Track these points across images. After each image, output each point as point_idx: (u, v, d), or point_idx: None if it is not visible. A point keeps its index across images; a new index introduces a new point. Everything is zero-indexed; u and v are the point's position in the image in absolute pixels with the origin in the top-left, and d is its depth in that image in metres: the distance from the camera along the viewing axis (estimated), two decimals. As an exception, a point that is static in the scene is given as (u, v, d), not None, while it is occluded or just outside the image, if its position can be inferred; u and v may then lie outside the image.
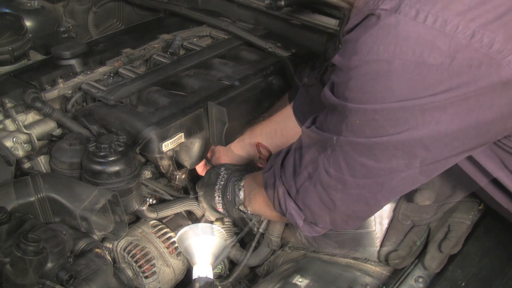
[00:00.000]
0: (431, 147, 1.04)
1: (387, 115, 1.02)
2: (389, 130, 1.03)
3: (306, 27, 2.20)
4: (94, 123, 1.74)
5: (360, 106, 1.04)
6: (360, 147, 1.10)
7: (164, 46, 2.16)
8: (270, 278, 1.50)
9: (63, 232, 1.36)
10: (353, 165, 1.13)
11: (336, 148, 1.15)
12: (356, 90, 1.04)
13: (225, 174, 1.66)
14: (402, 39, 0.96)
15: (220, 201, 1.64)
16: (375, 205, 1.23)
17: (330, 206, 1.22)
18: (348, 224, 1.27)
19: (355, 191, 1.18)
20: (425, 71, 0.96)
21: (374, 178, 1.13)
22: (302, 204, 1.28)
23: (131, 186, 1.57)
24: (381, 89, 1.00)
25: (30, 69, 1.93)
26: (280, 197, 1.32)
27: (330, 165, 1.17)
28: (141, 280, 1.64)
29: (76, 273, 1.28)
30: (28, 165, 1.68)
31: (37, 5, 2.36)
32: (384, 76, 0.99)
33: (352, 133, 1.09)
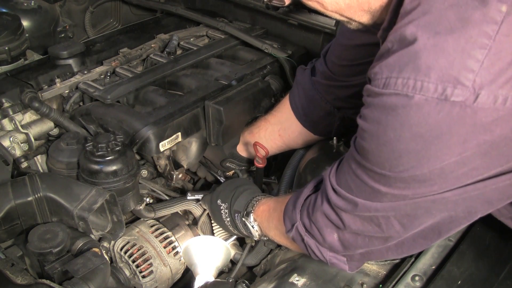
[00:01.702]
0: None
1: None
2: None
3: (303, 27, 2.21)
4: (91, 122, 1.74)
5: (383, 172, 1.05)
6: (404, 206, 1.09)
7: (161, 45, 2.16)
8: (267, 277, 1.50)
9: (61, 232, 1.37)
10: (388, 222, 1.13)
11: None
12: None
13: (225, 209, 1.62)
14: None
15: (237, 232, 1.65)
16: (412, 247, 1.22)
17: (366, 244, 1.22)
18: (388, 254, 1.27)
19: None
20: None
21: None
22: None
23: (128, 185, 1.57)
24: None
25: (27, 68, 1.93)
26: (315, 250, 1.30)
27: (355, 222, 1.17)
28: (139, 279, 1.64)
29: (73, 272, 1.28)
30: (26, 164, 1.68)
31: (34, 5, 2.36)
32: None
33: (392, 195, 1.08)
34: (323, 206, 1.23)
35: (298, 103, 1.82)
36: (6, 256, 1.39)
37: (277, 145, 1.90)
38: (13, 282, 1.27)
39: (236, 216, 1.58)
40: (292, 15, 2.21)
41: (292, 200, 1.37)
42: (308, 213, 1.28)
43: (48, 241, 1.34)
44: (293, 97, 1.84)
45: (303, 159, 1.76)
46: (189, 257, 1.61)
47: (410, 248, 1.20)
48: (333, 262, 1.29)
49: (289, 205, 1.37)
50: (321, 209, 1.23)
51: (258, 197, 1.57)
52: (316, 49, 2.21)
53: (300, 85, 1.82)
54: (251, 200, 1.56)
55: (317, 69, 1.79)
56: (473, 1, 0.90)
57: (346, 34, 1.64)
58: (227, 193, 1.64)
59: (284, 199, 1.43)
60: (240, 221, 1.56)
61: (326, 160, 1.64)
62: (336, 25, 2.04)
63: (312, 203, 1.28)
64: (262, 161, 1.74)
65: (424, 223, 1.11)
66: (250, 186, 1.67)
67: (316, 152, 1.72)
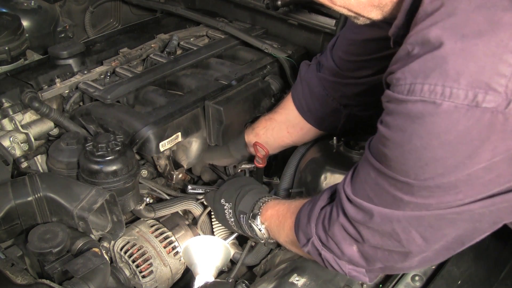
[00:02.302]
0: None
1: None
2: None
3: (303, 27, 2.21)
4: (91, 122, 1.74)
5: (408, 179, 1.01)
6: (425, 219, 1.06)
7: (161, 45, 2.16)
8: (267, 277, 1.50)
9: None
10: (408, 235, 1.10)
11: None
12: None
13: (229, 209, 1.59)
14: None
15: (241, 232, 1.63)
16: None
17: (386, 259, 1.18)
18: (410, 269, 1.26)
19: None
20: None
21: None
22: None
23: (128, 185, 1.57)
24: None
25: (27, 68, 1.93)
26: (333, 264, 1.26)
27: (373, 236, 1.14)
28: (138, 280, 1.64)
29: (73, 272, 1.28)
30: (25, 164, 1.68)
31: (34, 5, 2.36)
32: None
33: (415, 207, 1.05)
34: (339, 219, 1.18)
35: (303, 99, 1.79)
36: (6, 256, 1.39)
37: (285, 143, 1.88)
38: (13, 282, 1.27)
39: (241, 217, 1.55)
40: (292, 15, 2.22)
41: (305, 212, 1.32)
42: (324, 227, 1.24)
43: (48, 241, 1.34)
44: (296, 94, 1.81)
45: (303, 158, 1.76)
46: (189, 257, 1.61)
47: (432, 260, 1.18)
48: (353, 275, 1.25)
49: (302, 218, 1.32)
50: (338, 222, 1.19)
51: (265, 198, 1.53)
52: (316, 49, 2.21)
53: (304, 81, 1.79)
54: (257, 202, 1.52)
55: (322, 64, 1.76)
56: (502, 2, 0.87)
57: (353, 29, 1.60)
58: (232, 192, 1.61)
59: (294, 205, 1.40)
60: (246, 223, 1.53)
61: (326, 160, 1.64)
62: (336, 25, 2.05)
63: (327, 216, 1.23)
64: (262, 161, 1.74)
65: (448, 235, 1.08)
66: (256, 186, 1.64)
67: (316, 152, 1.72)
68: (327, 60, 1.72)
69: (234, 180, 1.70)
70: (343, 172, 1.57)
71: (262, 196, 1.55)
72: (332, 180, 1.58)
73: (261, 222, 1.49)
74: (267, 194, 1.57)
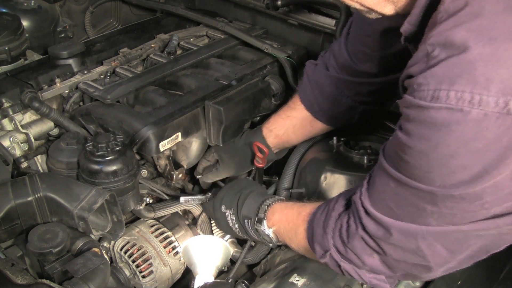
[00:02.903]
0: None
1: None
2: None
3: (303, 27, 2.21)
4: (91, 122, 1.74)
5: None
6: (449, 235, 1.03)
7: (161, 45, 2.16)
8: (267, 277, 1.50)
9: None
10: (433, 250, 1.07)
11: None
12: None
13: (232, 215, 1.54)
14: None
15: (247, 237, 1.58)
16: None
17: (410, 269, 1.16)
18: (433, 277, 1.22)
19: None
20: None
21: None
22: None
23: (128, 185, 1.57)
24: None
25: (27, 68, 1.93)
26: (352, 273, 1.23)
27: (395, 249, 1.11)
28: (138, 279, 1.64)
29: (73, 272, 1.28)
30: (25, 164, 1.68)
31: (34, 5, 2.36)
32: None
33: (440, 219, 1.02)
34: (358, 232, 1.14)
35: (313, 100, 1.73)
36: (6, 256, 1.39)
37: (307, 137, 1.82)
38: (13, 282, 1.27)
39: (246, 222, 1.50)
40: (292, 15, 2.22)
41: (319, 222, 1.27)
42: (342, 239, 1.19)
43: (48, 241, 1.34)
44: (305, 95, 1.75)
45: (303, 158, 1.76)
46: (189, 257, 1.61)
47: (455, 268, 1.14)
48: (374, 283, 1.22)
49: (316, 228, 1.27)
50: (358, 235, 1.15)
51: (268, 200, 1.48)
52: (316, 49, 2.21)
53: (313, 81, 1.73)
54: (261, 205, 1.47)
55: (332, 63, 1.69)
56: None
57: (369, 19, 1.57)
58: (231, 197, 1.57)
59: (305, 211, 1.35)
60: (252, 228, 1.48)
61: (326, 160, 1.64)
62: (336, 25, 2.05)
63: (345, 228, 1.19)
64: (262, 161, 1.74)
65: (473, 245, 1.05)
66: (255, 187, 1.60)
67: (316, 152, 1.72)
68: (340, 56, 1.65)
69: (231, 184, 1.65)
70: (343, 172, 1.57)
71: (264, 198, 1.50)
72: (332, 180, 1.58)
73: (268, 227, 1.44)
74: (269, 196, 1.53)
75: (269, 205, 1.47)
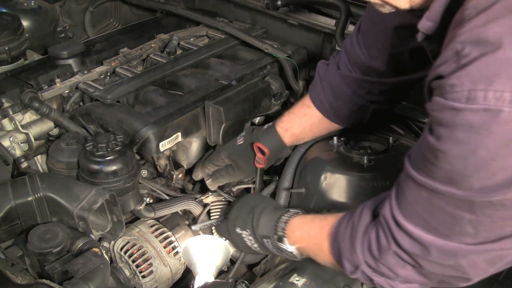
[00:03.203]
0: None
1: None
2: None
3: (303, 27, 2.21)
4: (91, 122, 1.74)
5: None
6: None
7: (161, 45, 2.16)
8: (267, 278, 1.50)
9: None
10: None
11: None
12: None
13: (249, 235, 1.49)
14: None
15: (270, 254, 1.55)
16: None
17: (448, 280, 1.12)
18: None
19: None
20: None
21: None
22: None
23: (128, 185, 1.57)
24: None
25: (27, 68, 1.93)
26: (385, 285, 1.18)
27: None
28: (138, 280, 1.64)
29: (73, 272, 1.28)
30: (25, 164, 1.68)
31: (34, 5, 2.36)
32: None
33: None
34: (391, 248, 1.10)
35: (324, 99, 1.70)
36: (6, 256, 1.39)
37: (322, 134, 1.79)
38: (13, 282, 1.27)
39: (265, 242, 1.45)
40: (292, 15, 2.22)
41: (345, 237, 1.22)
42: (373, 255, 1.15)
43: (48, 241, 1.34)
44: (316, 94, 1.72)
45: (303, 158, 1.76)
46: (189, 257, 1.61)
47: (491, 273, 1.09)
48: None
49: (343, 244, 1.22)
50: (391, 251, 1.10)
51: (284, 217, 1.42)
52: (316, 49, 2.21)
53: (325, 80, 1.70)
54: (278, 222, 1.42)
55: (344, 61, 1.66)
56: None
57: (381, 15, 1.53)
58: (244, 218, 1.51)
59: (327, 225, 1.30)
60: (273, 246, 1.43)
61: (326, 160, 1.64)
62: (336, 25, 2.05)
63: (374, 244, 1.14)
64: (262, 161, 1.74)
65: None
66: (266, 203, 1.54)
67: (316, 152, 1.72)
68: (352, 52, 1.62)
69: (240, 203, 1.59)
70: (343, 172, 1.57)
71: (279, 214, 1.44)
72: (332, 180, 1.57)
73: (290, 244, 1.39)
74: (283, 210, 1.46)
75: (286, 221, 1.41)
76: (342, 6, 1.99)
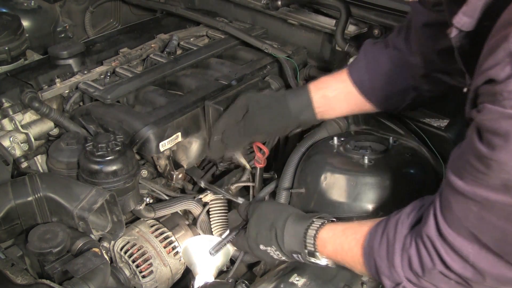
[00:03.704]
0: None
1: None
2: None
3: (303, 27, 2.21)
4: (91, 122, 1.74)
5: None
6: None
7: (161, 45, 2.16)
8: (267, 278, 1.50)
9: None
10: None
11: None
12: None
13: (275, 251, 1.38)
14: None
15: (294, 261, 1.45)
16: None
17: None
18: None
19: None
20: None
21: None
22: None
23: (128, 185, 1.57)
24: None
25: (27, 68, 1.94)
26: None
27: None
28: (139, 280, 1.64)
29: (73, 272, 1.28)
30: (25, 164, 1.68)
31: (34, 5, 2.36)
32: None
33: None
34: (437, 268, 1.03)
35: (365, 76, 1.59)
36: (6, 256, 1.39)
37: (351, 112, 1.71)
38: (13, 282, 1.27)
39: (295, 256, 1.36)
40: (292, 15, 2.22)
41: (381, 253, 1.15)
42: (415, 273, 1.08)
43: (48, 241, 1.34)
44: (356, 70, 1.60)
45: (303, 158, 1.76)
46: (189, 257, 1.61)
47: None
48: None
49: (379, 261, 1.15)
50: (436, 271, 1.04)
51: (311, 230, 1.32)
52: (316, 49, 2.21)
53: (371, 57, 1.60)
54: (306, 237, 1.31)
55: (394, 43, 1.58)
56: None
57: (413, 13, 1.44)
58: (266, 234, 1.40)
59: (359, 235, 1.23)
60: (304, 260, 1.35)
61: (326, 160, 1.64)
62: (336, 25, 2.05)
63: (416, 263, 1.08)
64: (261, 161, 1.74)
65: None
66: (286, 215, 1.39)
67: (316, 152, 1.72)
68: (398, 38, 1.55)
69: (256, 217, 1.46)
70: (343, 172, 1.57)
71: (305, 227, 1.33)
72: (332, 180, 1.57)
73: (322, 257, 1.31)
74: (307, 222, 1.34)
75: (314, 236, 1.31)
76: (342, 6, 1.99)
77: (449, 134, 1.68)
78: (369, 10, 2.01)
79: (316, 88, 1.61)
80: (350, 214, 1.49)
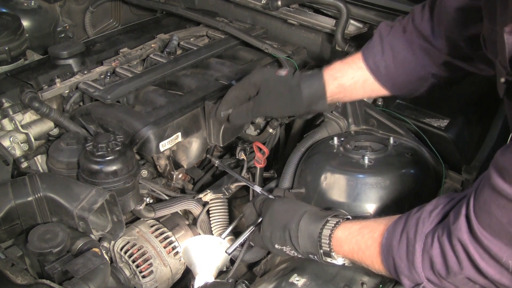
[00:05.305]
0: None
1: None
2: None
3: (303, 27, 2.21)
4: (91, 122, 1.74)
5: None
6: None
7: (161, 45, 2.16)
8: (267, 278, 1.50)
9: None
10: None
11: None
12: None
13: (291, 250, 1.38)
14: None
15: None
16: None
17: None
18: None
19: None
20: None
21: None
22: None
23: (128, 185, 1.57)
24: None
25: (27, 68, 1.94)
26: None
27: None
28: (139, 280, 1.64)
29: (73, 272, 1.28)
30: (26, 164, 1.68)
31: (34, 5, 2.36)
32: None
33: None
34: (464, 272, 1.00)
35: (381, 62, 1.55)
36: (6, 256, 1.39)
37: (367, 97, 1.70)
38: (13, 282, 1.27)
39: (310, 256, 1.35)
40: (292, 15, 2.22)
41: (400, 253, 1.13)
42: (438, 274, 1.06)
43: (48, 241, 1.34)
44: (372, 55, 1.56)
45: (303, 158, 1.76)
46: (189, 257, 1.61)
47: None
48: None
49: (399, 261, 1.13)
50: (462, 276, 1.01)
51: (326, 230, 1.29)
52: (316, 49, 2.21)
53: (387, 43, 1.55)
54: (321, 237, 1.29)
55: (412, 28, 1.52)
56: None
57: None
58: (280, 235, 1.39)
59: (377, 234, 1.21)
60: (320, 260, 1.33)
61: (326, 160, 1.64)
62: (336, 25, 2.05)
63: (440, 263, 1.05)
64: (261, 161, 1.74)
65: None
66: (299, 214, 1.37)
67: (316, 152, 1.72)
68: (421, 23, 1.49)
69: (269, 217, 1.44)
70: (343, 172, 1.57)
71: (319, 227, 1.31)
72: (332, 180, 1.57)
73: (339, 257, 1.30)
74: (322, 221, 1.32)
75: (330, 236, 1.29)
76: (342, 6, 1.99)
77: (449, 134, 1.68)
78: (369, 10, 2.01)
79: (331, 78, 1.56)
80: (349, 214, 1.48)
